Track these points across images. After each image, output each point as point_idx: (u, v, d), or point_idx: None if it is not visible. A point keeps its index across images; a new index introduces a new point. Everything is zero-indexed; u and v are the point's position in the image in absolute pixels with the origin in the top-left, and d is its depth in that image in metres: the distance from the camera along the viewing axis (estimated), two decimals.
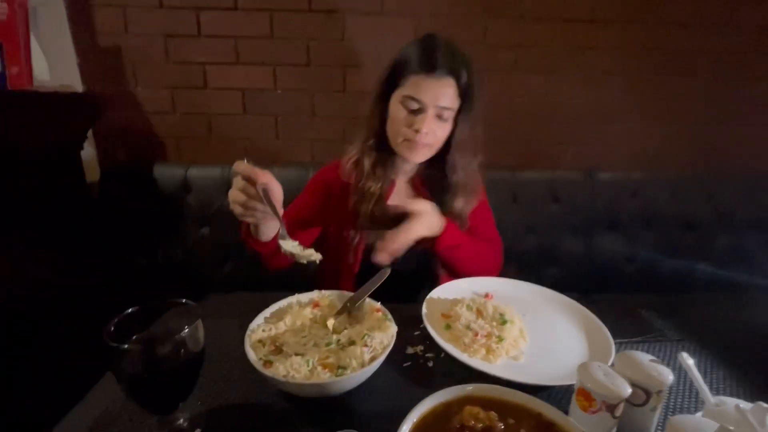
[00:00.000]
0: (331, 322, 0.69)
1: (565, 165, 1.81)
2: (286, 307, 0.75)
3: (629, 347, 0.80)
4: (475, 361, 0.70)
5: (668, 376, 0.55)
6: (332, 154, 1.16)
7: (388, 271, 0.84)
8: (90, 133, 1.58)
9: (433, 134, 0.97)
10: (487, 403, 0.53)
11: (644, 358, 0.58)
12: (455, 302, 0.85)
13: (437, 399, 0.53)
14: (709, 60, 1.70)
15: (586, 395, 0.54)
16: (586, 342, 0.79)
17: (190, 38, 1.58)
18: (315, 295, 0.79)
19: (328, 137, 1.71)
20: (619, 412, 0.53)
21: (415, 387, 0.67)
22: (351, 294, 0.80)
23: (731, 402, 0.54)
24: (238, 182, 0.73)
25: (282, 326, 0.68)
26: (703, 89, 1.74)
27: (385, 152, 1.05)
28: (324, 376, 0.60)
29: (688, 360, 0.58)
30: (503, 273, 1.05)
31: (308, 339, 0.65)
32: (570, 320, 0.85)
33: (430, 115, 0.94)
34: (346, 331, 0.69)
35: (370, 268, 0.97)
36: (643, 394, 0.55)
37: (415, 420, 0.50)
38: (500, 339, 0.73)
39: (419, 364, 0.73)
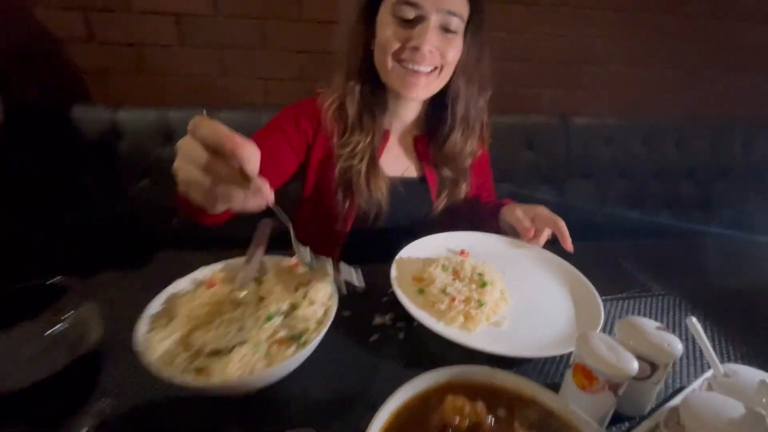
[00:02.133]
0: (242, 294, 0.54)
1: (541, 110, 1.71)
2: (170, 299, 0.54)
3: (615, 304, 0.75)
4: (453, 331, 0.60)
5: (677, 346, 0.48)
6: (289, 95, 0.98)
7: (270, 222, 0.64)
8: None
9: (437, 53, 0.76)
10: (472, 390, 0.44)
11: (650, 325, 0.50)
12: (429, 262, 0.73)
13: (412, 390, 0.42)
14: None
15: (586, 373, 0.46)
16: (571, 300, 0.71)
17: None
18: (200, 274, 0.59)
19: (283, 75, 1.49)
20: (622, 390, 0.46)
21: (384, 366, 0.57)
22: (239, 259, 0.61)
23: (742, 370, 0.48)
24: (196, 153, 0.41)
25: (181, 324, 0.49)
26: (689, 31, 1.64)
27: (374, 93, 0.84)
28: (288, 352, 0.47)
29: (697, 325, 0.51)
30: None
31: (228, 325, 0.49)
32: (553, 276, 0.77)
33: (433, 24, 0.73)
34: (272, 298, 0.53)
35: (362, 240, 0.85)
36: (649, 367, 0.48)
37: (386, 418, 0.40)
38: (480, 304, 0.64)
39: (389, 336, 0.63)
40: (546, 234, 0.81)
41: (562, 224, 0.77)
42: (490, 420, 0.41)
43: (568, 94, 1.74)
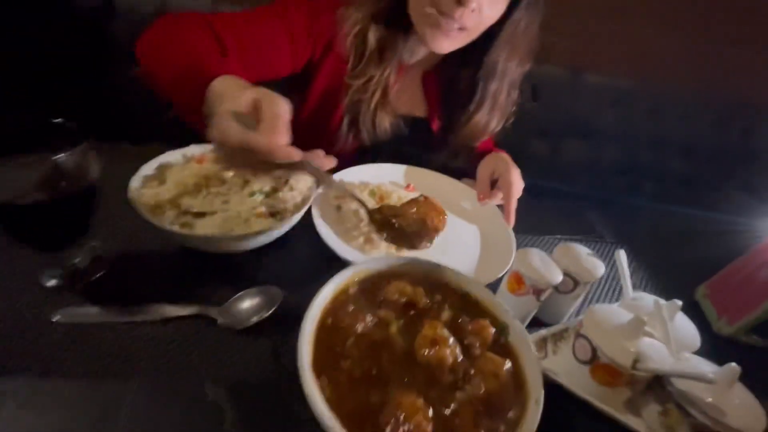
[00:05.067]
0: (230, 175, 0.58)
1: (552, 60, 1.66)
2: (161, 167, 0.59)
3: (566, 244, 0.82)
4: (347, 249, 0.62)
5: (600, 269, 0.56)
6: None
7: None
8: None
9: (479, 12, 0.69)
10: (417, 279, 0.51)
11: (583, 251, 0.57)
12: (362, 186, 0.74)
13: (366, 266, 0.49)
14: None
15: (517, 278, 0.54)
16: (483, 252, 0.71)
17: None
18: (191, 150, 0.62)
19: None
20: (544, 296, 0.54)
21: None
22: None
23: (649, 298, 0.56)
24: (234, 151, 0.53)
25: (170, 188, 0.54)
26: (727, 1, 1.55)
27: (397, 27, 0.77)
28: (266, 223, 0.53)
29: (623, 257, 0.58)
30: None
31: (214, 197, 0.54)
32: (485, 227, 0.76)
33: None
34: (256, 180, 0.58)
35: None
36: (572, 283, 0.56)
37: (338, 286, 0.47)
38: None
39: None
40: (497, 199, 0.78)
41: (513, 201, 0.74)
42: (426, 301, 0.48)
43: (584, 48, 1.68)
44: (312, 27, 0.78)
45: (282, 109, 0.51)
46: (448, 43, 0.74)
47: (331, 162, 0.59)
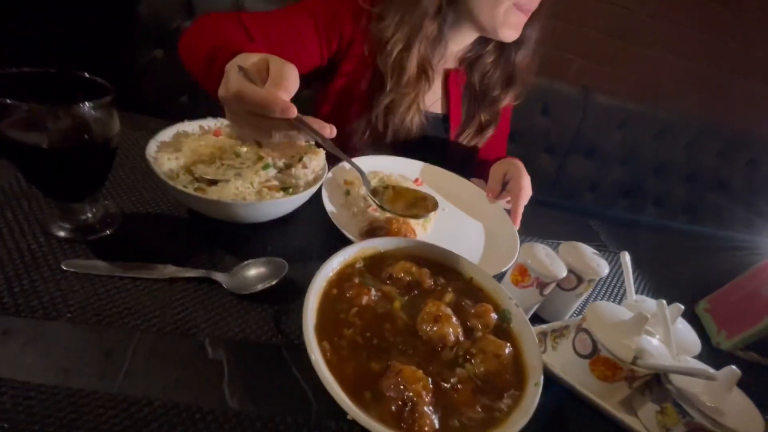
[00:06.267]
0: (243, 150, 0.58)
1: (566, 78, 1.69)
2: (178, 135, 0.60)
3: None
4: (353, 232, 0.62)
5: (605, 268, 0.56)
6: None
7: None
8: None
9: None
10: (424, 260, 0.51)
11: (588, 250, 0.58)
12: (372, 174, 0.74)
13: (376, 244, 0.50)
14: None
15: (522, 270, 0.54)
16: (487, 248, 0.71)
17: None
18: (208, 123, 0.63)
19: None
20: (547, 291, 0.54)
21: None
22: None
23: (651, 301, 0.56)
24: (244, 118, 0.50)
25: (186, 155, 0.55)
26: (741, 33, 1.58)
27: (447, 27, 0.80)
28: (277, 195, 0.54)
29: (627, 259, 0.58)
30: None
31: (227, 168, 0.55)
32: (490, 225, 0.76)
33: None
34: (273, 155, 0.59)
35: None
36: (576, 280, 0.56)
37: (346, 259, 0.47)
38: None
39: None
40: (505, 200, 0.79)
41: (521, 204, 0.75)
42: (430, 282, 0.49)
43: (597, 69, 1.71)
44: (335, 23, 0.80)
45: (289, 71, 0.49)
46: (516, 31, 0.78)
47: (331, 131, 0.54)
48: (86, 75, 0.45)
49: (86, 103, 0.40)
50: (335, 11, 0.80)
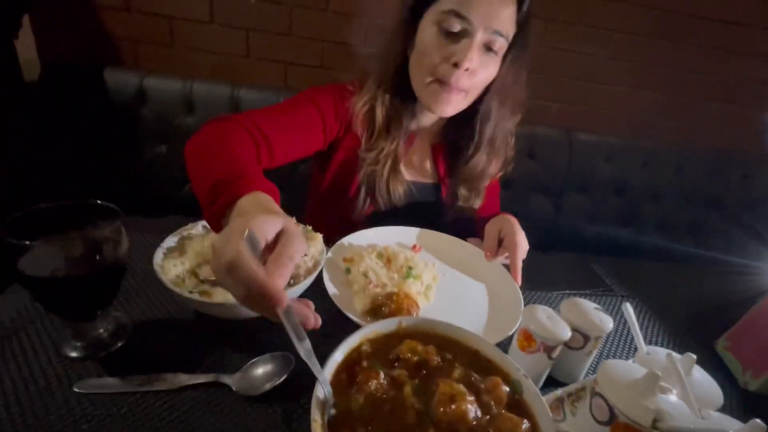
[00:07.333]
0: None
1: (548, 122, 1.78)
2: (183, 239, 0.63)
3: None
4: (357, 312, 0.63)
5: (608, 323, 0.56)
6: (307, 81, 1.03)
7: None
8: (27, 20, 1.37)
9: (473, 73, 0.75)
10: (429, 337, 0.52)
11: (589, 306, 0.58)
12: (370, 249, 0.76)
13: (379, 327, 0.51)
14: (710, 29, 1.65)
15: (527, 336, 0.54)
16: (491, 310, 0.71)
17: None
18: None
19: (305, 61, 1.57)
20: (556, 353, 0.54)
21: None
22: None
23: (662, 352, 0.55)
24: (234, 291, 0.39)
25: (190, 259, 0.58)
26: (696, 63, 1.70)
27: (403, 100, 0.84)
28: None
29: (630, 310, 0.58)
30: None
31: None
32: (493, 285, 0.77)
33: (478, 41, 0.72)
34: None
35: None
36: (582, 338, 0.56)
37: (351, 346, 0.48)
38: None
39: None
40: (503, 257, 0.80)
41: (519, 258, 0.76)
42: (437, 359, 0.49)
43: (574, 110, 1.80)
44: (337, 109, 0.86)
45: (298, 250, 0.42)
46: (450, 107, 0.80)
47: (316, 321, 0.47)
48: (98, 202, 0.49)
49: (97, 229, 0.44)
50: (335, 99, 0.87)
